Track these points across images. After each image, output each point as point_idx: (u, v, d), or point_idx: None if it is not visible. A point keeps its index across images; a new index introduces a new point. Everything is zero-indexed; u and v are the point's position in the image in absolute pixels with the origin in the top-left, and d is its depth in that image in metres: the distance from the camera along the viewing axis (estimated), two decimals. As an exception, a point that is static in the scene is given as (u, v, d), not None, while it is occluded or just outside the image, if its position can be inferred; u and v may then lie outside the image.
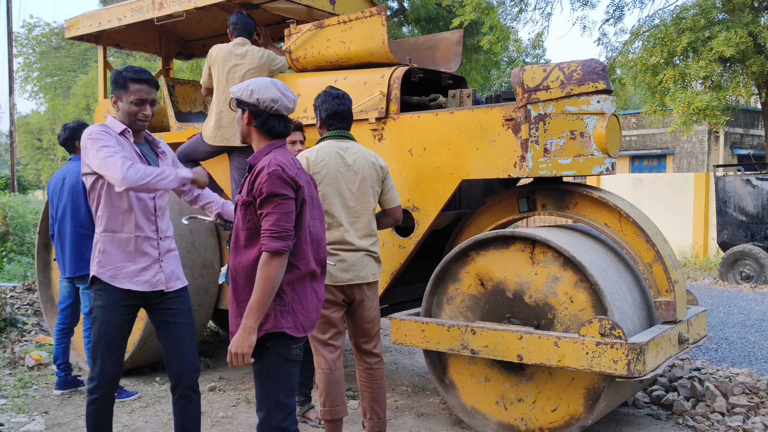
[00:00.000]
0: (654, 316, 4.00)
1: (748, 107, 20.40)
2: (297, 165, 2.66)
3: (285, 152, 2.67)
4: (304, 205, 2.63)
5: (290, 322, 2.61)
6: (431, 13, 15.78)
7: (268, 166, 2.55)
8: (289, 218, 2.53)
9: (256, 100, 2.65)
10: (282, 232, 2.50)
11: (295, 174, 2.58)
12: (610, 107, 3.96)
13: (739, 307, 8.59)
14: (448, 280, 4.16)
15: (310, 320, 2.70)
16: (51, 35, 37.06)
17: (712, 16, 13.27)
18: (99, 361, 3.12)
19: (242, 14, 5.04)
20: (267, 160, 2.60)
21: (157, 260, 3.18)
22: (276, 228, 2.50)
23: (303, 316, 2.66)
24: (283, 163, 2.57)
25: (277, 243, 2.49)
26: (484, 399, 4.06)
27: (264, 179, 2.53)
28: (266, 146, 2.70)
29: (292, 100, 2.73)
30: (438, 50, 5.30)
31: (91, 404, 3.14)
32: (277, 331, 2.59)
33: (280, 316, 2.59)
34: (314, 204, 2.74)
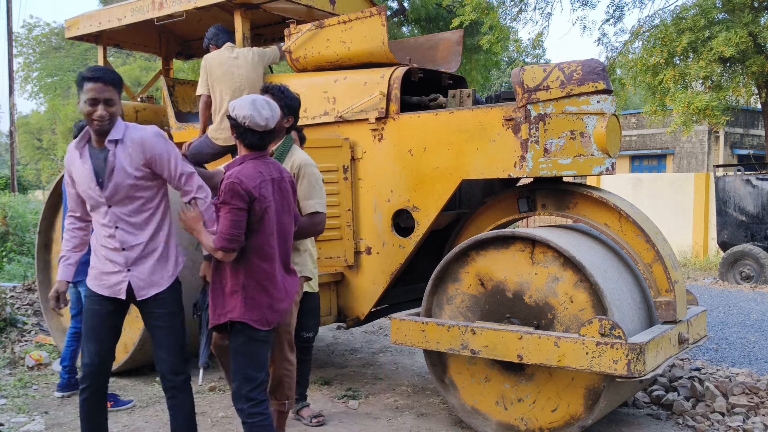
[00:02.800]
0: (654, 316, 4.00)
1: (748, 107, 20.38)
2: (264, 176, 2.99)
3: (258, 164, 3.03)
4: (266, 213, 2.98)
5: (255, 315, 3.00)
6: (431, 13, 15.78)
7: (228, 177, 2.95)
8: (238, 225, 2.91)
9: (235, 116, 3.02)
10: (229, 236, 2.90)
11: (253, 186, 2.93)
12: (610, 107, 3.96)
13: (739, 307, 8.59)
14: (448, 280, 4.16)
15: (275, 314, 3.06)
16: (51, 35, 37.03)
17: (712, 16, 13.26)
18: (84, 352, 3.21)
19: (219, 26, 5.28)
20: (232, 171, 2.98)
21: (122, 269, 3.15)
22: (225, 233, 2.91)
23: (267, 309, 3.03)
24: (245, 175, 2.95)
25: (222, 243, 2.92)
26: (484, 399, 4.06)
27: (223, 188, 2.94)
28: (240, 157, 3.08)
29: (264, 117, 3.02)
30: (438, 50, 5.30)
31: (81, 394, 3.23)
32: (242, 321, 2.99)
33: (246, 309, 2.99)
34: (284, 210, 3.10)
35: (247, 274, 3.00)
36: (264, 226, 2.99)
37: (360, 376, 5.44)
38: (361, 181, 4.69)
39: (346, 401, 4.73)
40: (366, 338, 6.85)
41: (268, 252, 3.02)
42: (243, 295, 2.99)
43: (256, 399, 3.04)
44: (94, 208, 3.18)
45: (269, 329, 3.07)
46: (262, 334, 3.04)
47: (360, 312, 4.78)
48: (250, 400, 3.02)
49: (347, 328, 4.90)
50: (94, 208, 3.17)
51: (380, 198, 4.61)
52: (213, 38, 5.21)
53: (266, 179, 3.00)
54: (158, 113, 6.48)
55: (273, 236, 3.03)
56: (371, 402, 4.75)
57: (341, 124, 4.75)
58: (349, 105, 4.67)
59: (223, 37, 5.18)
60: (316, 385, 5.12)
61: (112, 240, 3.14)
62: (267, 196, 2.98)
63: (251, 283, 3.00)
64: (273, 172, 3.07)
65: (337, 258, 4.70)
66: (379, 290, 4.64)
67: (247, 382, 3.03)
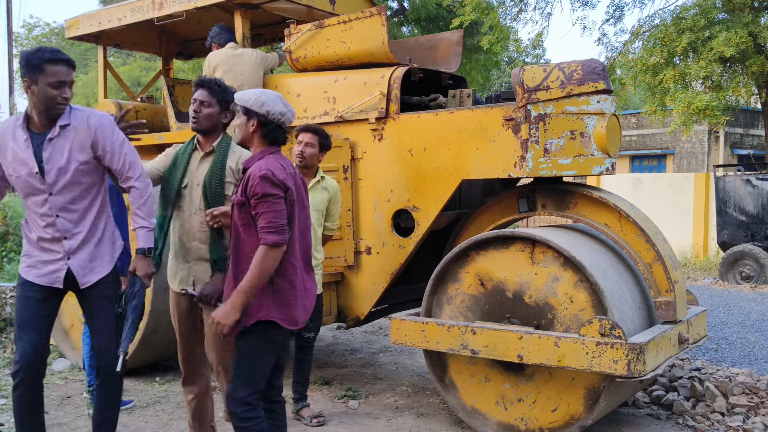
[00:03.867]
0: (654, 316, 4.00)
1: (748, 107, 20.38)
2: (287, 170, 2.89)
3: (277, 157, 2.93)
4: (294, 205, 2.87)
5: (284, 314, 2.85)
6: (431, 13, 15.78)
7: (260, 170, 2.81)
8: (282, 215, 2.78)
9: (266, 112, 2.90)
10: (278, 227, 2.76)
11: (284, 177, 2.82)
12: (610, 107, 3.96)
13: (739, 307, 8.59)
14: (448, 280, 4.15)
15: (304, 315, 2.94)
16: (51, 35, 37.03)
17: (712, 16, 13.26)
18: (18, 344, 3.08)
19: (222, 25, 5.27)
20: (259, 165, 2.85)
21: (62, 258, 3.10)
22: (272, 224, 2.75)
23: (297, 310, 2.89)
24: (273, 167, 2.83)
25: (274, 236, 2.74)
26: (484, 399, 4.06)
27: (257, 182, 2.79)
28: (260, 152, 2.95)
29: (293, 114, 3.00)
30: (438, 50, 5.30)
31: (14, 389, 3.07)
32: (269, 319, 2.82)
33: (274, 307, 2.83)
34: (302, 206, 2.99)
35: (277, 269, 2.83)
36: (293, 219, 2.88)
37: (360, 376, 5.44)
38: (361, 181, 4.69)
39: (346, 401, 4.73)
40: (366, 338, 6.85)
41: (295, 247, 2.89)
42: (271, 292, 2.83)
43: (251, 404, 2.89)
44: (29, 196, 3.05)
45: (292, 330, 2.92)
46: (283, 336, 2.91)
47: (360, 312, 4.78)
48: (246, 405, 2.87)
49: (347, 328, 4.90)
50: (30, 196, 3.05)
51: (380, 198, 4.61)
52: (216, 37, 5.22)
53: (288, 172, 2.90)
54: (158, 113, 6.48)
55: (297, 231, 2.92)
56: (371, 402, 4.75)
57: (341, 124, 4.75)
58: (349, 105, 4.67)
59: (225, 36, 5.19)
60: (316, 385, 5.12)
61: (51, 229, 3.06)
62: (293, 188, 2.89)
63: (281, 280, 2.84)
64: (290, 167, 2.97)
65: (337, 258, 4.70)
66: (379, 290, 4.64)
67: (247, 387, 2.87)
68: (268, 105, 2.90)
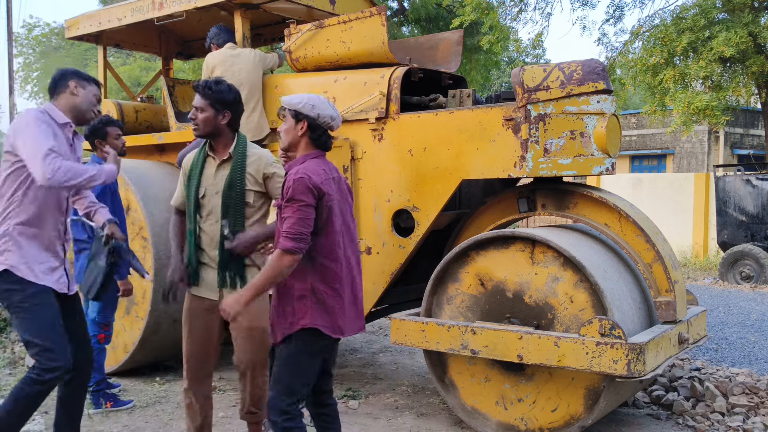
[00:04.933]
0: (654, 316, 4.00)
1: (748, 107, 20.38)
2: (329, 174, 2.87)
3: (320, 162, 2.90)
4: (332, 211, 2.84)
5: (327, 322, 2.83)
6: (431, 13, 15.79)
7: (296, 173, 2.79)
8: (306, 224, 2.74)
9: (317, 115, 2.89)
10: (297, 234, 2.72)
11: (320, 182, 2.79)
12: (610, 107, 3.96)
13: (739, 307, 8.59)
14: (448, 280, 4.15)
15: (349, 324, 2.90)
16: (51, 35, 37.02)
17: (712, 16, 13.26)
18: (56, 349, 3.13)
19: (220, 26, 5.26)
20: (297, 168, 2.83)
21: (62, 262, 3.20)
22: (292, 231, 2.72)
23: (341, 318, 2.87)
24: (312, 171, 2.80)
25: (290, 243, 2.72)
26: (484, 399, 4.06)
27: (290, 184, 2.77)
28: (303, 156, 2.92)
29: (341, 119, 3.01)
30: (438, 50, 5.30)
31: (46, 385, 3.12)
32: (312, 327, 2.81)
33: (318, 315, 2.81)
34: (347, 211, 2.96)
35: (317, 276, 2.82)
36: (332, 224, 2.85)
37: (360, 376, 5.44)
38: (361, 181, 4.69)
39: (346, 401, 4.72)
40: (366, 338, 6.85)
41: (337, 253, 2.86)
42: (314, 299, 2.81)
43: (291, 413, 2.83)
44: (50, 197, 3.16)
45: (338, 338, 2.89)
46: (326, 343, 2.87)
47: (360, 312, 4.77)
48: (286, 414, 2.82)
49: None
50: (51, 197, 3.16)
51: (380, 198, 4.61)
52: (214, 38, 5.23)
53: (329, 177, 2.88)
54: (158, 113, 6.48)
55: (341, 235, 2.88)
56: (371, 402, 4.75)
57: (341, 124, 4.74)
58: (349, 105, 4.67)
59: (224, 36, 5.19)
60: (316, 385, 5.11)
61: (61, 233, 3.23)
62: (332, 193, 2.85)
63: (321, 287, 2.82)
64: (333, 171, 2.95)
65: (337, 258, 4.70)
66: (379, 290, 4.64)
67: (288, 395, 2.83)
68: (318, 108, 2.88)
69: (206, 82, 3.27)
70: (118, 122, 4.61)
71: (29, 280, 3.06)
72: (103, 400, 4.53)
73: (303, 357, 2.84)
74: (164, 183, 5.34)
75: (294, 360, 2.84)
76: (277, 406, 2.83)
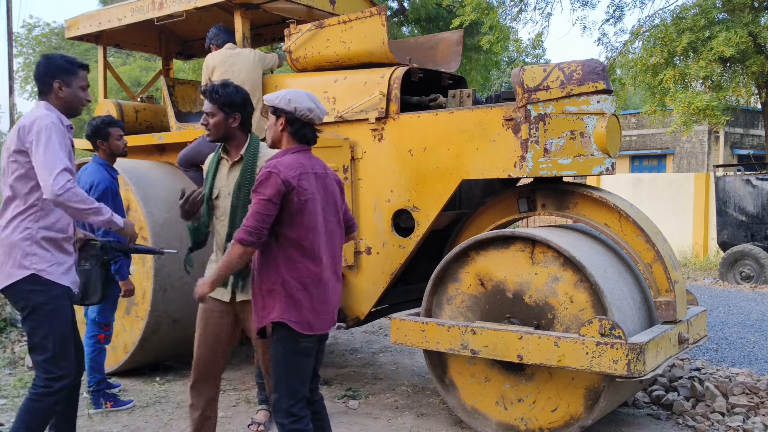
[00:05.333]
0: (654, 316, 4.00)
1: (748, 107, 20.38)
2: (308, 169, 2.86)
3: (299, 156, 2.89)
4: (305, 206, 2.81)
5: (294, 317, 2.81)
6: (431, 13, 15.79)
7: (267, 166, 2.80)
8: (263, 219, 2.75)
9: (293, 109, 2.88)
10: (251, 228, 2.75)
11: (291, 176, 2.77)
12: (610, 107, 3.96)
13: (739, 307, 8.58)
14: (448, 280, 4.15)
15: (321, 320, 2.88)
16: (51, 35, 37.01)
17: (712, 16, 13.26)
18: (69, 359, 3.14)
19: (220, 26, 5.26)
20: (272, 161, 2.83)
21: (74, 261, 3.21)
22: (248, 224, 2.76)
23: (310, 312, 2.84)
24: (285, 164, 2.79)
25: (242, 234, 2.76)
26: (484, 399, 4.06)
27: (259, 176, 2.80)
28: (282, 151, 2.93)
29: (323, 111, 2.97)
30: (438, 50, 5.30)
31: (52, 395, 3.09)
32: (281, 321, 2.81)
33: (285, 309, 2.81)
34: (329, 209, 2.93)
35: (287, 270, 2.81)
36: (304, 219, 2.81)
37: (360, 376, 5.44)
38: (361, 181, 4.69)
39: (346, 401, 4.73)
40: (366, 338, 6.85)
41: (308, 248, 2.83)
42: (283, 293, 2.81)
43: (297, 415, 2.85)
44: None
45: (311, 335, 2.86)
46: (302, 343, 2.85)
47: (360, 312, 4.78)
48: (291, 416, 2.83)
49: (347, 328, 4.90)
50: None
51: (380, 198, 4.61)
52: (214, 38, 5.23)
53: (307, 172, 2.85)
54: (158, 113, 6.48)
55: (316, 233, 2.85)
56: (371, 402, 4.75)
57: (341, 124, 4.75)
58: (349, 105, 4.67)
59: (223, 37, 5.19)
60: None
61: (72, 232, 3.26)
62: (307, 188, 2.82)
63: (291, 281, 2.81)
64: (316, 167, 2.93)
65: (337, 258, 4.70)
66: (379, 290, 4.64)
67: (289, 396, 2.84)
68: (295, 102, 2.88)
69: (213, 86, 3.27)
70: (120, 123, 4.61)
71: (53, 281, 3.08)
72: (103, 400, 4.53)
73: (294, 357, 2.85)
74: (164, 183, 5.34)
75: (285, 361, 2.85)
76: (281, 408, 2.84)
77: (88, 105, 3.36)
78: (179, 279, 5.08)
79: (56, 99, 3.17)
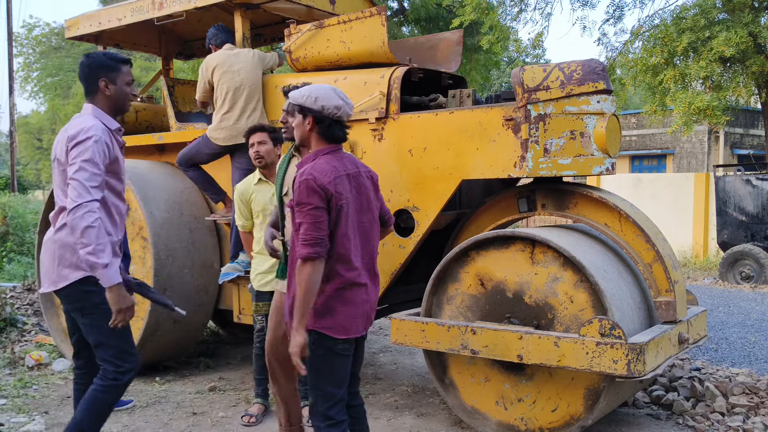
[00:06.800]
0: (654, 316, 4.00)
1: (748, 107, 20.38)
2: (339, 171, 2.78)
3: (331, 158, 2.81)
4: (341, 211, 2.75)
5: (328, 323, 2.77)
6: (431, 13, 15.78)
7: (301, 175, 2.72)
8: (318, 227, 2.68)
9: (321, 107, 2.79)
10: (312, 239, 2.66)
11: (328, 182, 2.70)
12: (610, 107, 3.96)
13: (739, 307, 8.59)
14: (448, 280, 4.15)
15: (356, 323, 2.84)
16: (51, 35, 37.01)
17: (712, 16, 13.26)
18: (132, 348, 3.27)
19: (219, 26, 5.26)
20: (305, 168, 2.76)
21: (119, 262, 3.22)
22: (306, 236, 2.67)
23: (346, 317, 2.80)
24: (319, 170, 2.72)
25: (305, 249, 2.66)
26: (484, 399, 4.06)
27: (297, 187, 2.72)
28: (314, 153, 2.84)
29: (351, 107, 2.88)
30: (438, 50, 5.29)
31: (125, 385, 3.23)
32: (316, 329, 2.77)
33: (317, 316, 2.77)
34: (363, 208, 2.87)
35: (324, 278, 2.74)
36: (342, 226, 2.75)
37: (360, 376, 5.43)
38: (361, 181, 4.68)
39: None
40: (366, 338, 6.84)
41: (343, 255, 2.77)
42: (318, 301, 2.76)
43: (334, 418, 2.81)
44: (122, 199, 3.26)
45: (347, 339, 2.82)
46: (340, 345, 2.81)
47: (360, 312, 4.77)
48: (328, 419, 2.80)
49: None
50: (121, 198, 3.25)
51: (380, 198, 4.60)
52: (212, 38, 5.23)
53: (341, 174, 2.78)
54: (158, 113, 6.48)
55: (349, 237, 2.79)
56: (371, 402, 4.74)
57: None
58: (349, 105, 4.67)
59: (222, 37, 5.18)
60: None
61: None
62: (342, 192, 2.75)
63: (326, 288, 2.76)
64: (348, 166, 2.84)
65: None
66: (379, 290, 4.63)
67: (325, 399, 2.80)
68: (322, 99, 2.79)
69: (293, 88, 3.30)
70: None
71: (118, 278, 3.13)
72: (103, 400, 4.52)
73: (329, 360, 2.80)
74: (164, 183, 5.34)
75: (320, 365, 2.80)
76: (318, 412, 2.81)
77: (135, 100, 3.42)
78: (179, 279, 5.09)
79: (103, 98, 3.17)
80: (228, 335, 6.81)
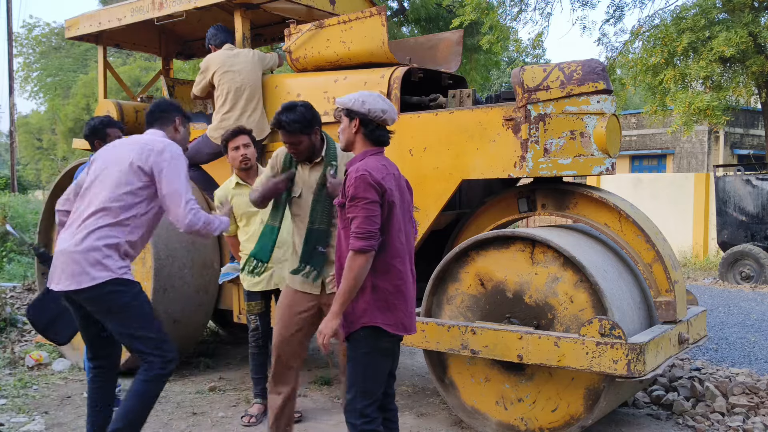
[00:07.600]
0: (654, 316, 4.00)
1: (748, 107, 20.37)
2: (388, 170, 2.87)
3: (378, 158, 2.91)
4: (393, 207, 2.83)
5: (389, 319, 2.82)
6: (431, 13, 15.77)
7: (356, 171, 2.79)
8: (372, 221, 2.74)
9: (367, 110, 2.89)
10: (365, 233, 2.72)
11: (381, 178, 2.78)
12: (610, 107, 3.96)
13: (739, 307, 8.58)
14: (448, 280, 4.15)
15: (411, 320, 2.90)
16: (51, 35, 37.03)
17: (712, 16, 13.26)
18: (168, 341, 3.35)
19: (219, 26, 5.28)
20: (357, 165, 2.84)
21: None
22: (360, 229, 2.73)
23: (404, 314, 2.86)
24: (372, 167, 2.80)
25: (359, 242, 2.72)
26: (484, 399, 4.06)
27: (351, 182, 2.78)
28: (362, 153, 2.93)
29: (395, 112, 2.98)
30: (438, 50, 5.29)
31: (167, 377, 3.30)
32: (375, 325, 2.80)
33: (379, 312, 2.80)
34: (404, 210, 2.94)
35: (379, 273, 2.80)
36: (393, 221, 2.83)
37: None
38: (361, 181, 4.68)
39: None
40: (366, 338, 6.84)
41: (399, 249, 2.84)
42: (374, 296, 2.80)
43: (370, 416, 2.83)
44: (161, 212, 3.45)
45: (394, 335, 2.86)
46: (391, 341, 2.86)
47: (360, 312, 4.77)
48: (364, 416, 2.82)
49: None
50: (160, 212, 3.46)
51: (380, 198, 4.60)
52: (212, 38, 5.23)
53: (390, 173, 2.87)
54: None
55: (402, 233, 2.87)
56: (371, 402, 4.74)
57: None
58: (349, 105, 4.66)
59: (221, 37, 5.18)
60: (316, 385, 5.12)
61: None
62: (392, 189, 2.84)
63: (383, 284, 2.80)
64: (393, 168, 2.95)
65: (337, 258, 4.70)
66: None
67: (364, 397, 2.83)
68: (369, 103, 2.89)
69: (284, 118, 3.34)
70: (119, 123, 4.61)
71: (131, 280, 3.26)
72: (103, 400, 4.52)
73: (372, 357, 2.84)
74: (164, 183, 5.33)
75: (365, 361, 2.83)
76: (355, 409, 2.83)
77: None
78: (179, 279, 5.09)
79: (174, 132, 3.45)
80: (228, 335, 6.80)
